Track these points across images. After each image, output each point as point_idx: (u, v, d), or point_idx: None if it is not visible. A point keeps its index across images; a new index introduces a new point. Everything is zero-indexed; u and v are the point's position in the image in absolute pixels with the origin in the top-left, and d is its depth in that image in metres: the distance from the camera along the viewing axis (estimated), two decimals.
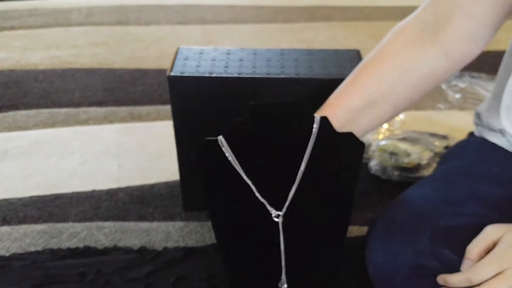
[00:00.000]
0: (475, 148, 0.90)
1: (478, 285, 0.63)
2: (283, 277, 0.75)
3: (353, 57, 0.93)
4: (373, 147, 1.18)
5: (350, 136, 0.70)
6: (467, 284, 0.64)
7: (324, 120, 0.68)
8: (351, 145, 0.70)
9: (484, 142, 0.89)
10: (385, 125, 1.27)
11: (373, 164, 1.17)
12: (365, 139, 1.24)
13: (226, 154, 0.67)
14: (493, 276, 0.62)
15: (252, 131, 0.67)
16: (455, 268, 0.70)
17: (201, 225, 1.05)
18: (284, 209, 0.72)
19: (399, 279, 0.74)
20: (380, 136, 1.24)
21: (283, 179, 0.71)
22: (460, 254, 0.70)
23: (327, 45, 1.90)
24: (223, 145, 0.67)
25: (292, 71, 0.88)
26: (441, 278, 0.67)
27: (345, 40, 1.97)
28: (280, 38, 1.99)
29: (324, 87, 0.87)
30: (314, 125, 0.68)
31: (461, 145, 0.96)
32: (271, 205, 0.72)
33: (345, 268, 0.91)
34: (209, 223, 1.04)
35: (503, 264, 0.62)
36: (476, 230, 0.72)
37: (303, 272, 0.78)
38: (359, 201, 1.10)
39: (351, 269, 0.92)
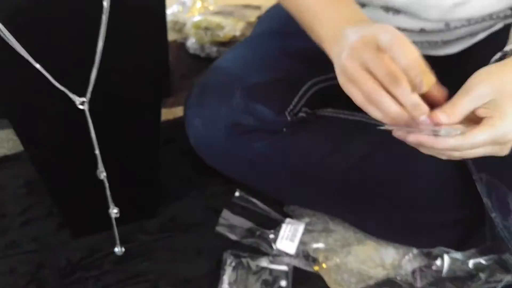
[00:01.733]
0: (284, 9, 0.92)
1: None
2: (100, 165, 0.72)
3: None
4: (188, 25, 1.15)
5: (147, 7, 0.65)
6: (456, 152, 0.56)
7: None
8: (151, 17, 0.66)
9: None
10: (199, 2, 1.24)
11: (190, 43, 1.14)
12: (180, 18, 1.20)
13: (7, 40, 0.59)
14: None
15: (36, 11, 0.59)
16: (268, 121, 0.72)
17: (13, 131, 0.96)
18: (88, 95, 0.67)
19: (218, 141, 0.75)
20: (195, 13, 1.20)
21: (81, 62, 0.65)
22: (272, 106, 0.72)
23: None
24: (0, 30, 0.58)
25: None
26: (422, 140, 0.55)
27: None
28: None
29: None
30: None
31: (272, 8, 0.97)
32: (74, 93, 0.66)
33: (170, 148, 0.91)
34: None
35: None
36: (285, 83, 0.75)
37: (121, 158, 0.76)
38: (180, 82, 1.09)
39: (176, 148, 0.91)
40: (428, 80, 0.53)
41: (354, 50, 0.55)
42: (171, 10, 1.24)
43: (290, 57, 0.78)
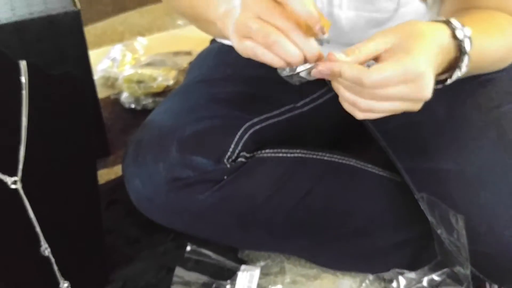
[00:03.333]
0: (212, 55, 0.93)
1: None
2: (43, 242, 0.70)
3: None
4: (119, 80, 1.14)
5: (66, 75, 0.65)
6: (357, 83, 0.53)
7: (33, 65, 0.62)
8: (71, 84, 0.65)
9: (221, 46, 0.91)
10: (130, 55, 1.23)
11: (124, 97, 1.13)
12: (112, 73, 1.19)
13: None
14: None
15: None
16: (208, 171, 0.72)
17: None
18: (20, 173, 0.65)
19: (159, 198, 0.74)
20: (126, 67, 1.20)
21: (7, 142, 0.64)
22: (209, 156, 0.72)
23: None
24: None
25: None
26: (332, 67, 0.53)
27: None
28: None
29: (34, 28, 0.78)
30: (22, 73, 0.61)
31: (200, 55, 0.98)
32: (4, 173, 0.64)
33: (116, 209, 0.89)
34: None
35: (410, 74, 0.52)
36: (220, 130, 0.75)
37: (64, 230, 0.73)
38: (119, 139, 1.07)
39: (121, 208, 0.90)
40: (327, 24, 0.54)
41: (246, 6, 0.54)
42: (102, 66, 1.22)
43: (221, 103, 0.79)
